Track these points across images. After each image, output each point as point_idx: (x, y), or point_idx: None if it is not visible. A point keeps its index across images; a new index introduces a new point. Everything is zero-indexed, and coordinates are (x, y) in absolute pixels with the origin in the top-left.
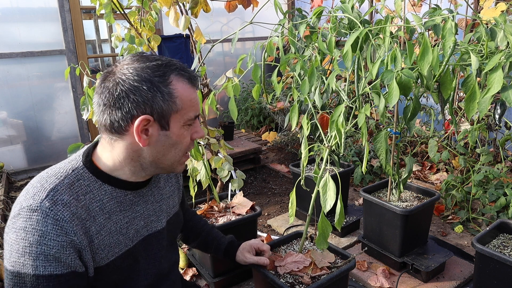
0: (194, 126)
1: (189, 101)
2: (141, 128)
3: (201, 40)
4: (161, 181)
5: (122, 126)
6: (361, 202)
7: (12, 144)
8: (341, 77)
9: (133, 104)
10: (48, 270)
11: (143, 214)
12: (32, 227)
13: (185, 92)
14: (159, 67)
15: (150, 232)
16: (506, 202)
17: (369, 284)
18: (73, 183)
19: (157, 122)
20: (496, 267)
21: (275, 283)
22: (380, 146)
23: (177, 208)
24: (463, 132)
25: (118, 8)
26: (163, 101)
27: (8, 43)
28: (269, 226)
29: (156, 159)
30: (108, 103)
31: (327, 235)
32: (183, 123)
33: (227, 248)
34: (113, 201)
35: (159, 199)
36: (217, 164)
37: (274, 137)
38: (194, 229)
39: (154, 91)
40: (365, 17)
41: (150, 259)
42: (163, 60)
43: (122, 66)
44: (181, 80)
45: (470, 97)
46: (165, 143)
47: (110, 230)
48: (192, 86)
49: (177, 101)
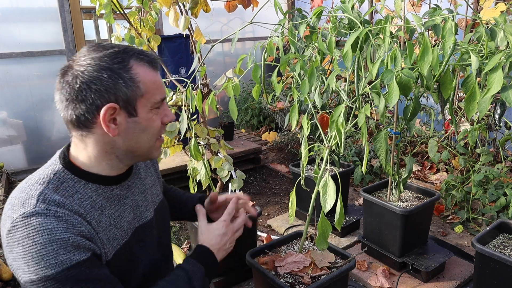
0: (162, 109)
1: (152, 84)
2: (108, 118)
3: (201, 40)
4: (141, 172)
5: (88, 119)
6: (361, 202)
7: (12, 144)
8: (341, 77)
9: (96, 94)
10: (74, 259)
11: (131, 206)
12: (36, 230)
13: (147, 75)
14: (117, 53)
15: (140, 223)
16: (506, 202)
17: (369, 284)
18: (58, 186)
19: (124, 110)
20: (496, 267)
21: (275, 283)
22: (380, 146)
23: (161, 196)
24: (463, 132)
25: (118, 8)
26: (126, 87)
27: (8, 43)
28: (269, 226)
29: (130, 148)
30: (70, 97)
31: (327, 235)
32: (150, 107)
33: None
34: (101, 197)
35: (143, 189)
36: (217, 164)
37: (274, 137)
38: (170, 200)
39: (116, 78)
40: (365, 17)
41: (144, 249)
42: (120, 47)
43: (79, 58)
44: (141, 64)
45: (470, 97)
46: (135, 129)
47: (106, 225)
48: (153, 69)
49: (140, 85)
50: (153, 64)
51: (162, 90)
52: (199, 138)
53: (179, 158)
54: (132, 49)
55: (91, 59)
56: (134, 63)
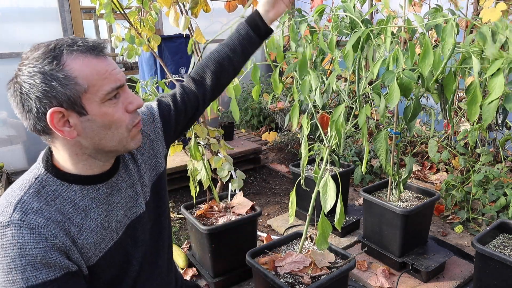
0: (124, 98)
1: (95, 74)
2: (57, 123)
3: (201, 40)
4: (129, 163)
5: (43, 126)
6: (361, 202)
7: (12, 144)
8: (341, 77)
9: (37, 103)
10: (40, 278)
11: (119, 203)
12: (9, 243)
13: (86, 67)
14: (47, 54)
15: (131, 219)
16: (506, 202)
17: (369, 284)
18: (39, 190)
19: (72, 110)
20: (496, 267)
21: (275, 283)
22: (380, 146)
23: (162, 166)
24: (463, 132)
25: (118, 8)
26: (63, 87)
27: (8, 43)
28: (269, 226)
29: (97, 146)
30: (19, 109)
31: (327, 235)
32: (101, 100)
33: (251, 22)
34: (85, 199)
35: (131, 183)
36: (217, 164)
37: (274, 137)
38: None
39: (49, 81)
40: (365, 17)
41: (137, 245)
42: (51, 43)
43: (19, 67)
44: (77, 56)
45: (472, 100)
46: (93, 127)
47: (91, 227)
48: (95, 57)
49: (78, 81)
50: (93, 51)
51: (113, 77)
52: (199, 138)
53: (179, 158)
54: (63, 42)
55: (24, 66)
56: (67, 58)
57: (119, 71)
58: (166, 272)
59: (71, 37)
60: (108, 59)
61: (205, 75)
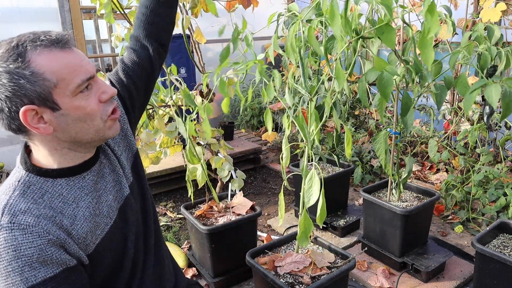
0: (96, 89)
1: (63, 68)
2: (31, 120)
3: (201, 40)
4: (106, 149)
5: (17, 125)
6: (361, 202)
7: (12, 144)
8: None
9: (7, 102)
10: (40, 277)
11: (106, 188)
12: (3, 247)
13: (52, 61)
14: (10, 52)
15: (121, 203)
16: (506, 202)
17: (369, 284)
18: (24, 191)
19: (44, 107)
20: (496, 267)
21: (275, 283)
22: (380, 146)
23: (135, 146)
24: (463, 132)
25: (118, 8)
26: (31, 84)
27: None
28: (269, 226)
29: (75, 139)
30: None
31: (308, 232)
32: (72, 94)
33: None
34: (73, 190)
35: (113, 167)
36: (217, 164)
37: (274, 137)
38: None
39: (16, 79)
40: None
41: (129, 227)
42: (13, 39)
43: None
44: (41, 52)
45: None
46: (68, 121)
47: (84, 216)
48: (61, 50)
49: (46, 76)
50: (57, 44)
51: (83, 70)
52: (199, 138)
53: (179, 158)
54: (26, 38)
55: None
56: (32, 54)
57: (87, 62)
58: (159, 251)
59: (33, 32)
60: (75, 51)
61: (140, 35)
